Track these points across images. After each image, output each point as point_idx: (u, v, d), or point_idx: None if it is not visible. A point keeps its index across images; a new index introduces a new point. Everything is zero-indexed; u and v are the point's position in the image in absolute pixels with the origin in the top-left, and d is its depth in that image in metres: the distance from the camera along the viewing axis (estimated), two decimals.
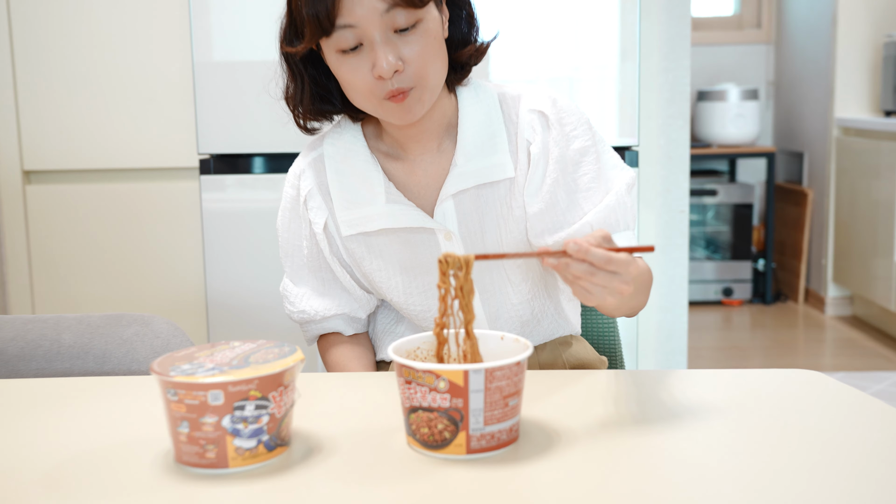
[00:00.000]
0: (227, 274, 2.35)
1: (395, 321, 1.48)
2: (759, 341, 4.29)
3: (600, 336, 1.63)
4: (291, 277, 1.45)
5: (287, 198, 1.43)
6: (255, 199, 2.34)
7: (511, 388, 0.92)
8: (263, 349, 0.97)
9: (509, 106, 1.35)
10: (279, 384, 0.91)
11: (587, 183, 1.32)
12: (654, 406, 1.07)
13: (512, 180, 1.33)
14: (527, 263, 1.37)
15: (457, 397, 0.89)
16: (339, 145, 1.38)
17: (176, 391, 0.88)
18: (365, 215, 1.35)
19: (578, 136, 1.32)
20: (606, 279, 1.02)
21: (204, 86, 2.29)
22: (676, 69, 2.64)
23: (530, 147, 1.32)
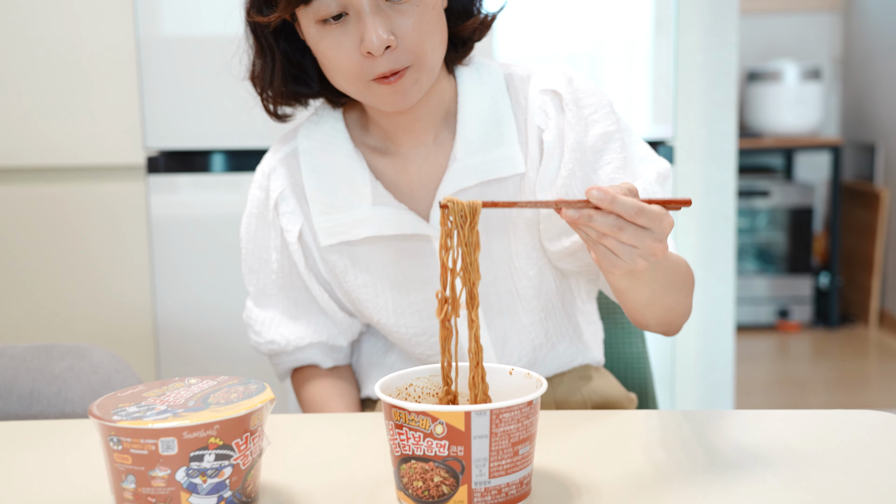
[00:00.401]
0: (181, 294, 2.35)
1: (384, 350, 1.49)
2: (821, 374, 4.30)
3: (628, 368, 1.64)
4: (257, 299, 1.46)
5: (254, 201, 1.44)
6: (214, 204, 2.35)
7: (521, 433, 0.93)
8: (225, 387, 0.98)
9: (518, 88, 1.35)
10: (244, 429, 0.92)
11: (610, 174, 1.31)
12: (694, 454, 1.08)
13: (522, 177, 1.33)
14: (539, 275, 1.38)
15: (457, 444, 0.90)
16: (317, 138, 1.39)
17: (120, 439, 0.89)
18: (348, 221, 1.36)
19: (599, 119, 1.32)
20: (637, 236, 1.02)
21: (151, 66, 2.30)
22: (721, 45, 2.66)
23: (543, 135, 1.33)
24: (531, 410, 0.93)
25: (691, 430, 1.16)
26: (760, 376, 4.25)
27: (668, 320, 1.28)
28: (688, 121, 2.68)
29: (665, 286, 1.22)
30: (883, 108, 4.98)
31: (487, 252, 1.35)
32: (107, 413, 0.91)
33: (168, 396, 0.96)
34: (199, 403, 0.93)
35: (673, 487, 0.98)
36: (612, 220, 1.01)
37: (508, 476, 0.93)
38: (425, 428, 0.91)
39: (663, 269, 1.19)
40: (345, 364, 1.50)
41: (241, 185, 2.32)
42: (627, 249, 1.04)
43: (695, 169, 2.70)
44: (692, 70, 2.66)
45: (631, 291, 1.19)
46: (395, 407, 0.92)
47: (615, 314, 1.66)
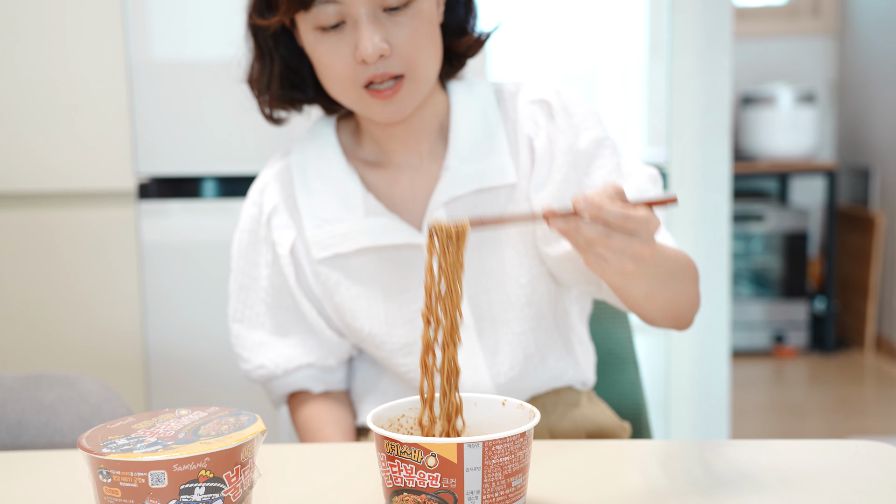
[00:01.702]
0: (172, 322, 2.35)
1: (378, 375, 1.49)
2: (818, 399, 4.30)
3: (622, 395, 1.64)
4: (242, 318, 1.46)
5: (247, 217, 1.45)
6: (205, 229, 2.35)
7: (514, 464, 0.93)
8: (216, 419, 0.98)
9: (507, 101, 1.40)
10: (235, 462, 0.92)
11: (604, 176, 1.35)
12: (689, 485, 1.08)
13: (513, 187, 1.36)
14: (532, 283, 1.38)
15: (449, 476, 0.90)
16: (310, 154, 1.41)
17: (109, 471, 0.89)
18: (340, 233, 1.38)
19: (590, 126, 1.36)
20: (624, 241, 1.04)
21: (142, 91, 2.31)
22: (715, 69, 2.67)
23: (533, 143, 1.36)
24: (524, 442, 0.93)
25: (686, 460, 1.16)
26: (756, 402, 4.25)
27: (674, 313, 1.29)
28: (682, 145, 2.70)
29: (662, 279, 1.23)
30: (878, 132, 5.00)
31: (479, 259, 1.36)
32: (96, 445, 0.91)
33: (158, 428, 0.96)
34: (189, 435, 0.93)
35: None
36: (599, 228, 1.03)
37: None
38: (417, 460, 0.91)
39: (659, 263, 1.20)
40: (338, 389, 1.50)
41: (233, 211, 2.32)
42: (615, 254, 1.05)
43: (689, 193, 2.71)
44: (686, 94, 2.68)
45: (628, 287, 1.20)
46: (386, 438, 0.92)
47: (608, 341, 1.67)
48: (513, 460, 0.93)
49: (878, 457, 1.16)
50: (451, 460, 0.90)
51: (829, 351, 4.97)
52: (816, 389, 4.45)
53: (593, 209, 1.01)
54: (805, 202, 5.35)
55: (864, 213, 5.04)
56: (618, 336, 1.70)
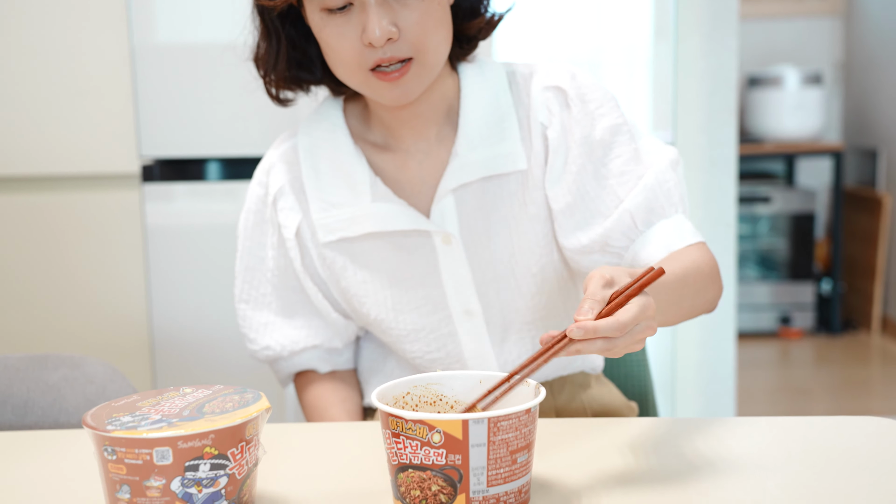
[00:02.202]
0: (177, 304, 2.36)
1: (384, 356, 1.49)
2: (824, 381, 4.30)
3: (628, 376, 1.64)
4: (248, 299, 1.46)
5: (253, 198, 1.45)
6: (210, 212, 2.35)
7: (520, 440, 0.93)
8: (221, 396, 0.98)
9: (520, 85, 1.37)
10: (240, 439, 0.92)
11: (621, 166, 1.32)
12: (696, 462, 1.08)
13: (524, 174, 1.34)
14: (542, 272, 1.38)
15: (454, 453, 0.90)
16: (317, 135, 1.40)
17: (114, 449, 0.89)
18: (347, 217, 1.37)
19: (606, 113, 1.33)
20: (627, 342, 0.99)
21: (145, 74, 2.31)
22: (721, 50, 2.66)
23: (546, 131, 1.34)
24: (529, 418, 0.93)
25: (692, 437, 1.16)
26: (762, 384, 4.25)
27: (694, 315, 1.28)
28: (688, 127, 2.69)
29: (690, 297, 1.22)
30: (885, 113, 4.98)
31: (488, 247, 1.36)
32: (101, 423, 0.91)
33: (163, 406, 0.96)
34: (194, 413, 0.93)
35: (673, 495, 0.98)
36: (599, 343, 0.98)
37: (507, 485, 0.93)
38: (422, 436, 0.91)
39: (666, 298, 1.15)
40: (345, 369, 1.50)
41: (238, 194, 2.32)
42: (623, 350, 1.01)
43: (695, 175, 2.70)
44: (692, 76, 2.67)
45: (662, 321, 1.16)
46: (391, 415, 0.92)
47: None
48: (518, 436, 0.92)
49: (884, 434, 1.16)
50: (457, 436, 0.90)
51: (835, 332, 4.97)
52: (822, 371, 4.45)
53: (589, 334, 0.96)
54: (811, 184, 5.34)
55: (870, 194, 5.03)
56: None
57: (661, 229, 1.30)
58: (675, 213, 1.32)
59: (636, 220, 1.30)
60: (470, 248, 1.36)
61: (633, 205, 1.30)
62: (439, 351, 1.41)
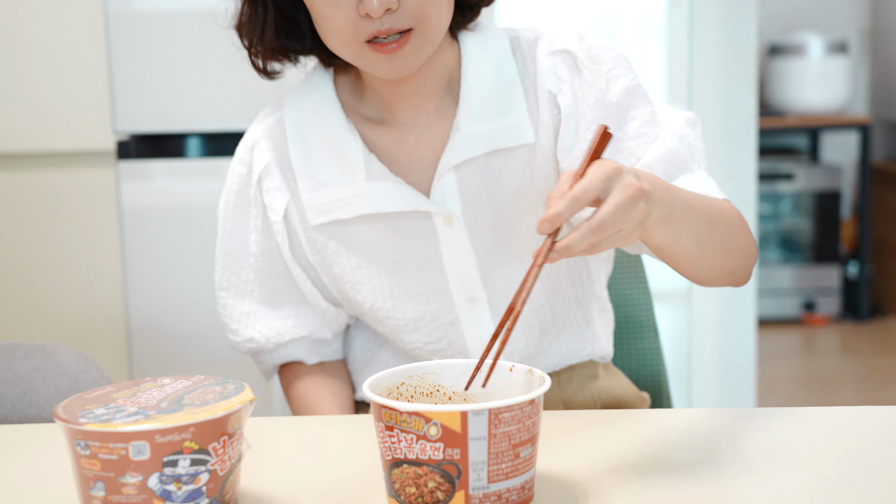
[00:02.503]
0: (155, 290, 2.36)
1: (377, 346, 1.49)
2: (850, 370, 4.31)
3: (640, 365, 1.64)
4: (229, 286, 1.45)
5: (235, 177, 1.43)
6: (190, 192, 2.35)
7: (523, 433, 0.93)
8: (201, 387, 0.98)
9: (525, 52, 1.36)
10: (222, 432, 0.92)
11: (638, 128, 1.31)
12: (712, 456, 1.08)
13: (532, 147, 1.33)
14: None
15: (453, 447, 0.90)
16: (305, 108, 1.39)
17: (88, 443, 0.89)
18: (339, 198, 1.36)
19: (620, 75, 1.32)
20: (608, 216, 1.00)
21: (120, 43, 2.30)
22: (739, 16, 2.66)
23: (557, 98, 1.33)
24: (533, 410, 0.93)
25: (708, 430, 1.16)
26: (784, 374, 4.25)
27: (729, 267, 1.26)
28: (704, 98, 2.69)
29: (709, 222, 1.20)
30: None
31: (493, 229, 1.35)
32: (73, 415, 0.91)
33: (139, 397, 0.96)
34: (172, 405, 0.93)
35: (688, 492, 0.98)
36: (584, 229, 0.99)
37: (509, 480, 0.93)
38: (418, 429, 0.91)
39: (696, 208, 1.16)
40: (334, 359, 1.50)
41: (220, 171, 2.31)
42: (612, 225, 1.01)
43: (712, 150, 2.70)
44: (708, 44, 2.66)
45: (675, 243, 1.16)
46: (384, 407, 0.92)
47: (626, 306, 1.66)
48: (521, 429, 0.93)
49: None
50: (455, 429, 0.90)
51: (862, 318, 4.97)
52: (849, 360, 4.46)
53: (559, 220, 0.98)
54: (837, 159, 5.34)
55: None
56: (636, 300, 1.69)
57: (683, 182, 1.28)
58: (698, 168, 1.31)
59: (657, 174, 1.27)
60: (473, 229, 1.35)
61: (651, 160, 1.28)
62: (440, 341, 1.41)
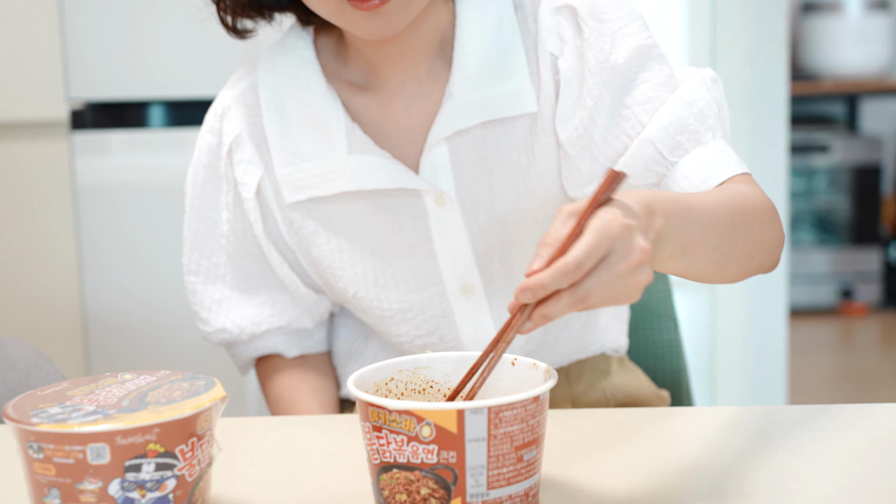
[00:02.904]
0: (113, 276, 2.36)
1: (364, 337, 1.49)
2: (892, 364, 4.32)
3: (657, 359, 1.65)
4: (198, 270, 1.45)
5: (203, 148, 1.43)
6: (153, 166, 2.35)
7: (526, 434, 0.93)
8: (167, 383, 0.98)
9: (527, 10, 1.35)
10: (190, 434, 0.92)
11: (648, 92, 1.29)
12: (738, 459, 1.08)
13: (534, 117, 1.33)
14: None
15: (448, 449, 0.91)
16: (281, 71, 1.39)
17: (41, 445, 0.89)
18: (318, 173, 1.36)
19: (631, 33, 1.30)
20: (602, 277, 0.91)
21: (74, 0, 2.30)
22: None
23: (557, 62, 1.32)
24: (538, 408, 0.94)
25: (733, 430, 1.17)
26: (819, 369, 4.26)
27: (753, 266, 1.21)
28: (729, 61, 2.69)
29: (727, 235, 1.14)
30: None
31: (489, 206, 1.35)
32: (25, 415, 0.91)
33: (98, 395, 0.96)
34: (134, 403, 0.93)
35: (710, 500, 0.99)
36: (565, 299, 0.91)
37: (511, 486, 0.93)
38: (409, 430, 0.91)
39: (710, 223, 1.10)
40: (317, 352, 1.50)
41: (186, 143, 2.31)
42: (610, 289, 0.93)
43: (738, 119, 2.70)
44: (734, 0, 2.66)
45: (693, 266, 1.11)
46: (371, 405, 0.92)
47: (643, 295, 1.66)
48: (524, 429, 0.93)
49: None
50: (450, 430, 0.90)
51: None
52: (890, 353, 4.47)
53: (539, 292, 0.90)
54: (877, 129, 5.34)
55: None
56: (653, 288, 1.70)
57: (695, 158, 1.26)
58: (713, 138, 1.28)
59: (661, 149, 1.26)
60: (468, 209, 1.35)
61: (654, 131, 1.26)
62: (431, 335, 1.41)
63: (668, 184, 1.26)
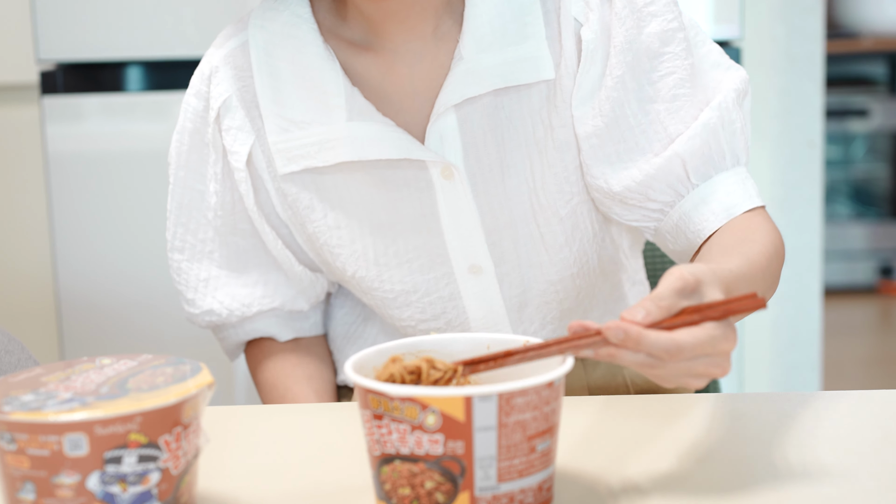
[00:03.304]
0: (88, 253, 2.36)
1: (363, 319, 1.50)
2: None
3: None
4: (183, 247, 1.45)
5: (189, 113, 1.43)
6: (131, 134, 2.35)
7: (540, 423, 0.94)
8: (149, 369, 0.99)
9: None
10: (175, 423, 0.92)
11: (672, 88, 1.31)
12: (768, 449, 1.09)
13: (552, 84, 1.33)
14: (573, 216, 1.37)
15: (455, 439, 0.91)
16: (274, 29, 1.38)
17: (13, 436, 0.89)
18: (314, 141, 1.36)
19: (658, 13, 1.31)
20: (681, 368, 0.97)
21: None
22: None
23: (581, 30, 1.32)
24: (552, 394, 0.94)
25: (763, 417, 1.17)
26: (856, 353, 4.27)
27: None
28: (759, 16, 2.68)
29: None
30: None
31: (501, 181, 1.35)
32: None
33: (74, 381, 0.96)
34: (114, 390, 0.94)
35: (740, 493, 0.99)
36: (641, 357, 0.95)
37: (523, 479, 0.94)
38: (413, 418, 0.91)
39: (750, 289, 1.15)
40: (312, 335, 1.50)
41: (167, 109, 2.31)
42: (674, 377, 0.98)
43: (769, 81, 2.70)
44: None
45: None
46: (372, 392, 0.93)
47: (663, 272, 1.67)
48: (538, 417, 0.93)
49: None
50: (458, 418, 0.90)
51: None
52: None
53: (630, 343, 0.94)
54: None
55: None
56: None
57: (720, 185, 1.30)
58: (737, 164, 1.32)
59: (689, 170, 1.30)
60: (478, 183, 1.35)
61: (687, 150, 1.29)
62: (437, 319, 1.41)
63: (687, 207, 1.30)
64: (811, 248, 2.75)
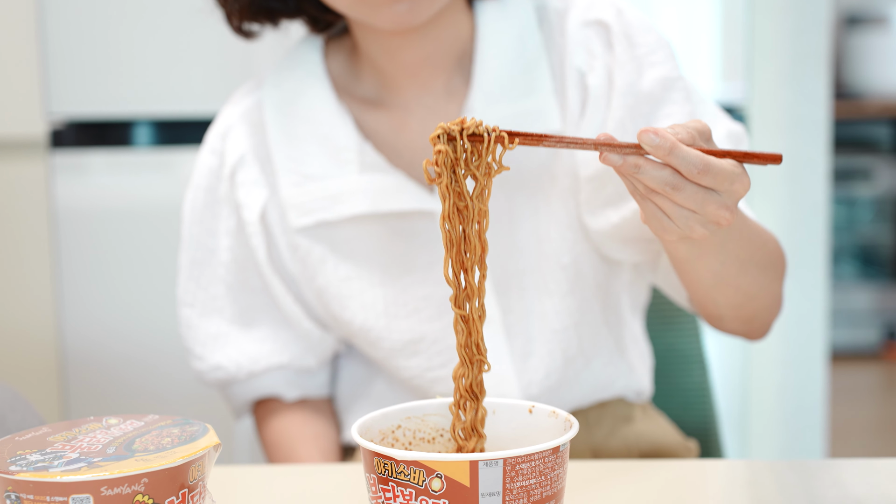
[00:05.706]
0: (94, 309, 2.36)
1: (369, 377, 1.49)
2: None
3: (685, 406, 1.65)
4: (194, 302, 1.46)
5: (203, 170, 1.45)
6: (138, 190, 2.35)
7: (545, 488, 0.94)
8: (156, 429, 0.99)
9: (553, 23, 1.37)
10: (181, 485, 0.92)
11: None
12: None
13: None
14: (575, 264, 1.38)
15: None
16: (288, 87, 1.40)
17: (19, 495, 0.89)
18: (328, 194, 1.37)
19: (658, 62, 1.34)
20: (696, 198, 1.00)
21: (55, 9, 2.31)
22: None
23: (586, 79, 1.35)
24: (557, 460, 0.94)
25: (769, 485, 1.17)
26: (862, 418, 4.25)
27: (748, 312, 1.29)
28: (765, 79, 2.69)
29: (740, 260, 1.22)
30: None
31: (508, 231, 1.36)
32: (2, 462, 0.91)
33: (81, 441, 0.96)
34: (121, 450, 0.94)
35: None
36: (666, 174, 0.99)
37: None
38: (418, 483, 0.91)
39: (736, 238, 1.19)
40: (318, 396, 1.50)
41: (174, 165, 2.32)
42: (683, 213, 1.02)
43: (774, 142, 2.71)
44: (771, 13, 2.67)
45: (693, 261, 1.20)
46: (378, 455, 0.93)
47: (668, 335, 1.67)
48: (542, 483, 0.93)
49: None
50: (463, 483, 0.90)
51: None
52: None
53: (664, 149, 0.97)
54: None
55: None
56: (681, 328, 1.70)
57: None
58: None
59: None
60: (488, 233, 1.36)
61: None
62: (443, 367, 1.41)
63: None
64: (816, 311, 2.75)
